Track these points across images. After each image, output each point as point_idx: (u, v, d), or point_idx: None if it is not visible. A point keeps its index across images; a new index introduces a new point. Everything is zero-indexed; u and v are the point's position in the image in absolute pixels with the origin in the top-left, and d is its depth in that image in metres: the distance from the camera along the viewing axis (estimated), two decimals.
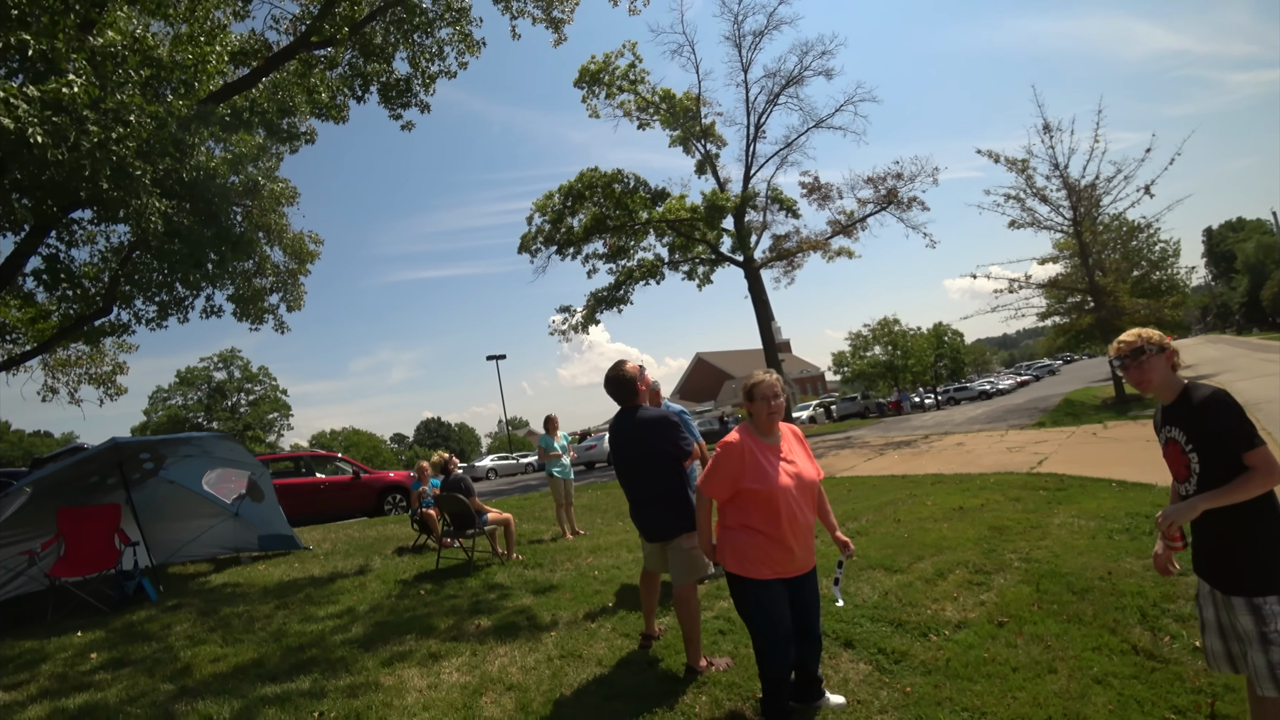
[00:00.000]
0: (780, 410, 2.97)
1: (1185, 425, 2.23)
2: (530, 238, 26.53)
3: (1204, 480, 2.16)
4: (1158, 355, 2.30)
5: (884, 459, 13.79)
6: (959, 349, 51.26)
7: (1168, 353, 2.31)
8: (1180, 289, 31.62)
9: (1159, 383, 2.31)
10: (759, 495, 2.87)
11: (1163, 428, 2.36)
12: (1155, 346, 2.31)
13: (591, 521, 9.80)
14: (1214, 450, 2.12)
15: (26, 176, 6.10)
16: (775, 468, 2.90)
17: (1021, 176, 19.65)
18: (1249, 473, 2.05)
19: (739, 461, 2.91)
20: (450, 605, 5.70)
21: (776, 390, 2.97)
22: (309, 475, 14.54)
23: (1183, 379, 2.32)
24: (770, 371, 3.06)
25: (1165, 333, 2.39)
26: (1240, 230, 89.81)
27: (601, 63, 26.22)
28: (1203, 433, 2.16)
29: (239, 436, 45.23)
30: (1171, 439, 2.30)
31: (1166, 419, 2.34)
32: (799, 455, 3.04)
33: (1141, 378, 2.33)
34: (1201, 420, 2.17)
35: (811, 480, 3.00)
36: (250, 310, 12.22)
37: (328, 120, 11.19)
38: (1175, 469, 2.32)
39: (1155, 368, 2.30)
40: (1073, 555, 5.08)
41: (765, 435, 3.00)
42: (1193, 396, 2.22)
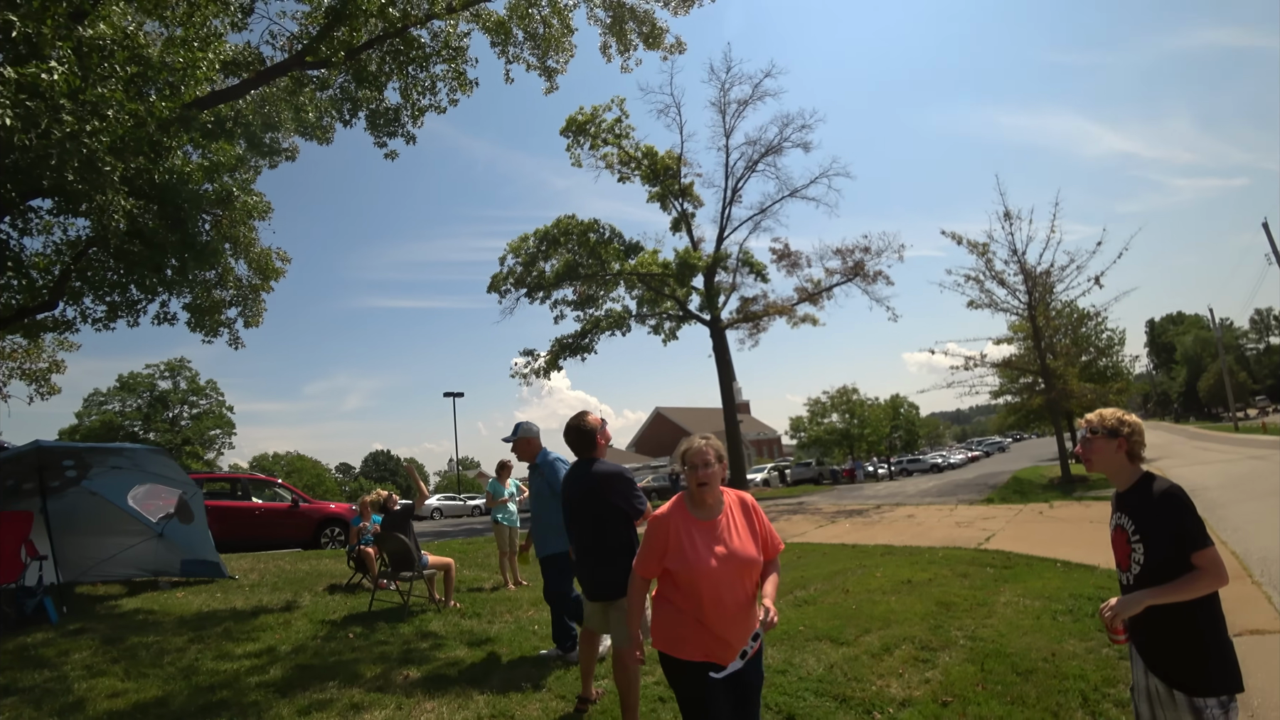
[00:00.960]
0: (711, 479, 2.59)
1: (1135, 516, 2.23)
2: (501, 278, 26.57)
3: (1145, 573, 2.16)
4: (1103, 439, 2.31)
5: (835, 527, 13.79)
6: (914, 421, 52.35)
7: (1119, 440, 2.29)
8: (1124, 376, 33.10)
9: (1101, 465, 2.34)
10: (680, 576, 2.56)
11: (1115, 513, 2.37)
12: (1104, 430, 2.31)
13: (535, 572, 9.49)
14: (1160, 545, 2.13)
15: None
16: (700, 547, 2.55)
17: (982, 259, 20.47)
18: (1196, 572, 2.05)
19: (663, 538, 2.60)
20: (379, 652, 5.40)
21: (708, 457, 2.60)
22: (245, 499, 13.89)
23: (1140, 469, 2.31)
24: (706, 436, 2.73)
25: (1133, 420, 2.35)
26: (1180, 324, 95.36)
27: (589, 115, 26.84)
28: (1152, 527, 2.16)
29: (175, 451, 43.27)
30: (1120, 526, 2.31)
31: (1119, 505, 2.35)
32: (737, 531, 2.62)
33: (1085, 456, 2.37)
34: (1153, 514, 2.16)
35: (747, 560, 2.57)
36: (206, 321, 11.82)
37: (311, 140, 11.14)
38: (1119, 557, 2.32)
39: (1097, 449, 2.33)
40: (1017, 635, 5.08)
41: (697, 507, 2.64)
42: (1148, 488, 2.22)
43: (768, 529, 2.70)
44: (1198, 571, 2.04)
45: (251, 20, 10.12)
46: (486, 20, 11.74)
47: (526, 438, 5.19)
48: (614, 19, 13.24)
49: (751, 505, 2.73)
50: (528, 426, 5.26)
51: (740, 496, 2.74)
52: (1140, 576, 2.18)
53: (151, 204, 8.53)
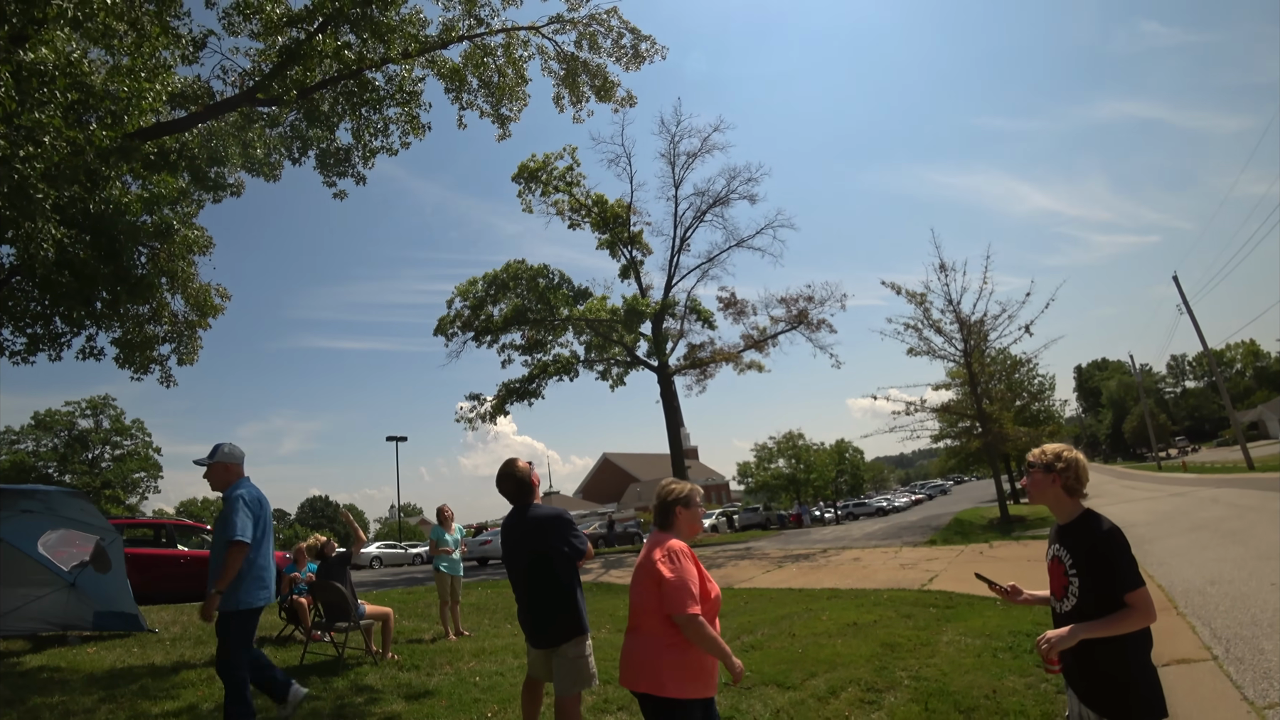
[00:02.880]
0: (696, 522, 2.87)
1: (1074, 550, 2.32)
2: (448, 320, 26.33)
3: (1081, 605, 2.26)
4: (1040, 473, 2.42)
5: (783, 571, 13.84)
6: (859, 465, 53.50)
7: (1053, 475, 2.39)
8: (1056, 419, 34.78)
9: (1040, 498, 2.44)
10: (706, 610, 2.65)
11: (1052, 544, 2.46)
12: (1041, 465, 2.42)
13: (479, 622, 9.21)
14: (1095, 580, 2.23)
15: None
16: (708, 582, 2.74)
17: (920, 309, 21.37)
18: (1127, 610, 2.16)
19: (698, 573, 2.68)
20: (311, 708, 5.11)
21: (685, 496, 2.85)
22: (169, 546, 13.08)
23: (1082, 505, 2.41)
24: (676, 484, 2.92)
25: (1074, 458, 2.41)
26: (1105, 369, 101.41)
27: (541, 162, 27.23)
28: (1089, 563, 2.25)
29: (93, 495, 40.59)
30: (1057, 558, 2.40)
31: (1058, 537, 2.44)
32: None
33: (1028, 486, 2.48)
34: (1091, 551, 2.26)
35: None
36: (136, 357, 11.29)
37: (259, 176, 10.96)
38: (1055, 586, 2.41)
39: (1035, 483, 2.43)
40: (960, 673, 5.16)
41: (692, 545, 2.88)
42: (1089, 525, 2.32)
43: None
44: (1129, 609, 2.15)
45: (203, 54, 10.00)
46: (442, 67, 11.90)
47: (225, 463, 4.47)
48: (567, 71, 13.61)
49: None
50: (229, 450, 4.53)
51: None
52: (1076, 608, 2.28)
53: (84, 234, 8.23)
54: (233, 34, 9.97)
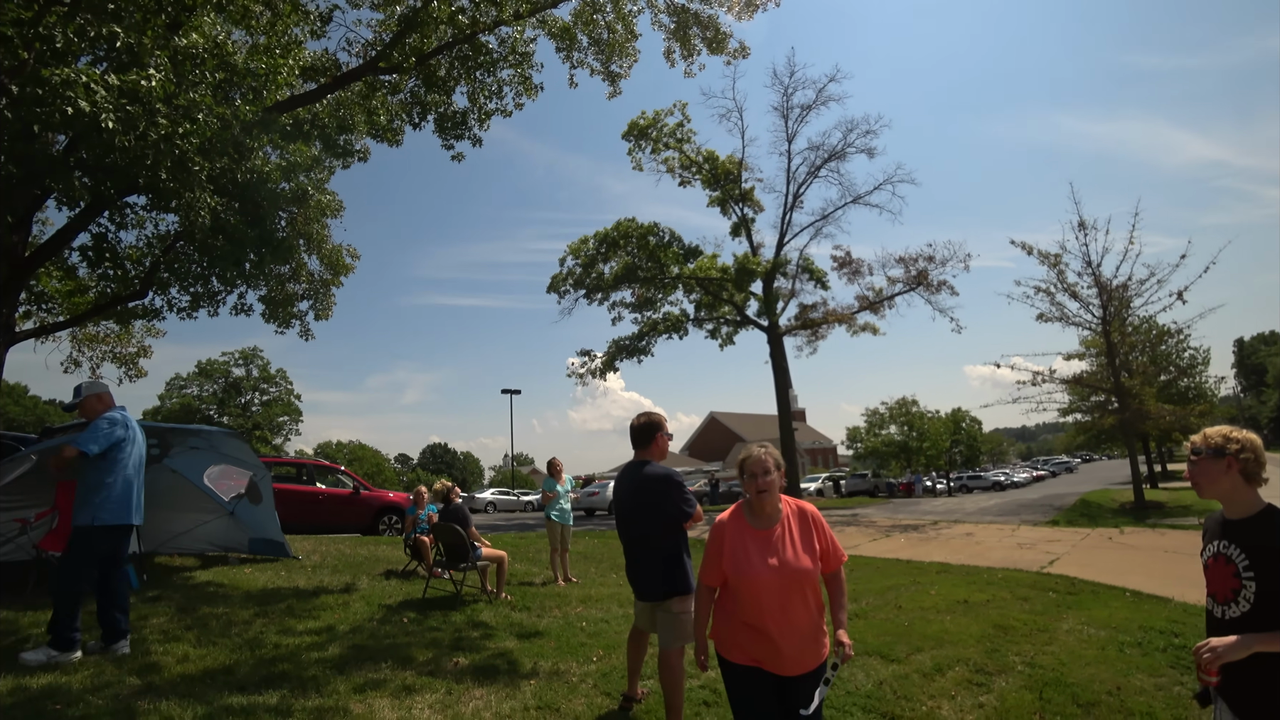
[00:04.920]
0: (770, 488, 2.60)
1: (1252, 550, 2.03)
2: (561, 279, 26.91)
3: (1255, 613, 1.98)
4: (1210, 459, 2.11)
5: (890, 541, 13.45)
6: (976, 436, 50.41)
7: (1227, 459, 2.08)
8: (1208, 398, 31.09)
9: (1212, 490, 2.13)
10: (734, 583, 2.61)
11: (1217, 539, 2.16)
12: (1208, 449, 2.12)
13: (585, 570, 9.61)
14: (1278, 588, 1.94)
15: (91, 157, 6.33)
16: (754, 556, 2.58)
17: (1053, 271, 19.56)
18: None
19: (719, 545, 2.66)
20: (431, 638, 5.56)
21: (767, 465, 2.60)
22: (309, 484, 14.50)
23: (1261, 499, 2.09)
24: (765, 445, 2.71)
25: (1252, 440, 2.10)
26: (1273, 344, 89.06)
27: (651, 119, 26.95)
28: (1275, 567, 1.96)
29: (246, 435, 45.47)
30: (1224, 555, 2.11)
31: (1225, 532, 2.14)
32: (793, 541, 2.60)
33: (1193, 477, 2.18)
34: (1277, 553, 1.97)
35: (800, 571, 2.54)
36: (279, 313, 12.41)
37: (382, 142, 11.54)
38: (1219, 588, 2.12)
39: (1204, 472, 2.13)
40: (1080, 665, 4.85)
41: (755, 516, 2.66)
42: (1273, 522, 2.01)
43: (828, 540, 2.66)
44: None
45: (329, 28, 10.58)
46: (552, 26, 11.94)
47: (93, 395, 4.89)
48: (678, 24, 13.26)
49: (812, 516, 2.68)
50: (90, 385, 4.99)
51: (800, 506, 2.70)
52: (1247, 616, 2.00)
53: (234, 201, 9.02)
54: (355, 6, 10.43)
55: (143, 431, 5.11)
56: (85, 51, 6.40)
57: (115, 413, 4.86)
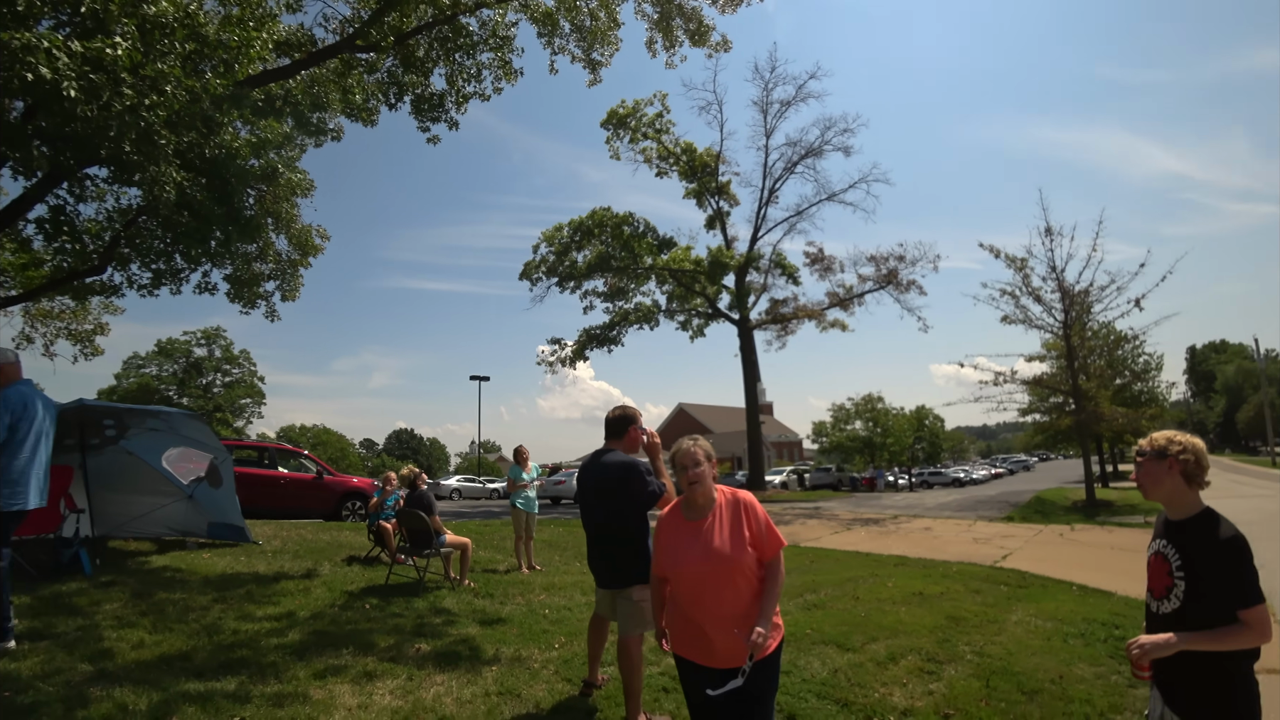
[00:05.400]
0: (700, 479, 2.62)
1: (1186, 551, 2.11)
2: (534, 265, 26.80)
3: (1183, 609, 2.08)
4: (1154, 461, 2.20)
5: (851, 534, 13.73)
6: (938, 434, 51.65)
7: (1169, 461, 2.16)
8: (1159, 402, 32.34)
9: (1155, 491, 2.21)
10: (671, 575, 2.67)
11: (1159, 538, 2.25)
12: (1152, 451, 2.20)
13: (550, 558, 9.65)
14: (1207, 588, 2.04)
15: (51, 126, 6.15)
16: (684, 546, 2.62)
17: (1019, 274, 20.05)
18: (1239, 626, 1.96)
19: (659, 538, 2.76)
20: (393, 624, 5.55)
21: (697, 457, 2.64)
22: (271, 468, 14.26)
23: (1200, 499, 2.17)
24: (695, 438, 2.75)
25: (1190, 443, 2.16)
26: (1223, 352, 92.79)
27: (631, 108, 26.89)
28: (1204, 569, 2.05)
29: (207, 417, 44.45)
30: (1162, 554, 2.19)
31: (1166, 532, 2.22)
32: (721, 529, 2.60)
33: (1138, 478, 2.27)
34: (1208, 557, 2.05)
35: (727, 558, 2.53)
36: (245, 293, 12.16)
37: (357, 121, 11.35)
38: (1156, 584, 2.21)
39: (1148, 472, 2.21)
40: (1026, 654, 5.05)
41: (688, 507, 2.70)
42: (1209, 527, 2.09)
43: (761, 527, 2.61)
44: (1243, 626, 1.95)
45: (305, 2, 10.38)
46: (534, 10, 11.83)
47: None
48: (661, 14, 13.25)
49: (745, 503, 2.65)
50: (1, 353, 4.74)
51: (735, 495, 2.69)
52: (1177, 612, 2.09)
53: (200, 177, 8.81)
54: None
55: (50, 407, 4.80)
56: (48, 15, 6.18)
57: (17, 389, 4.58)
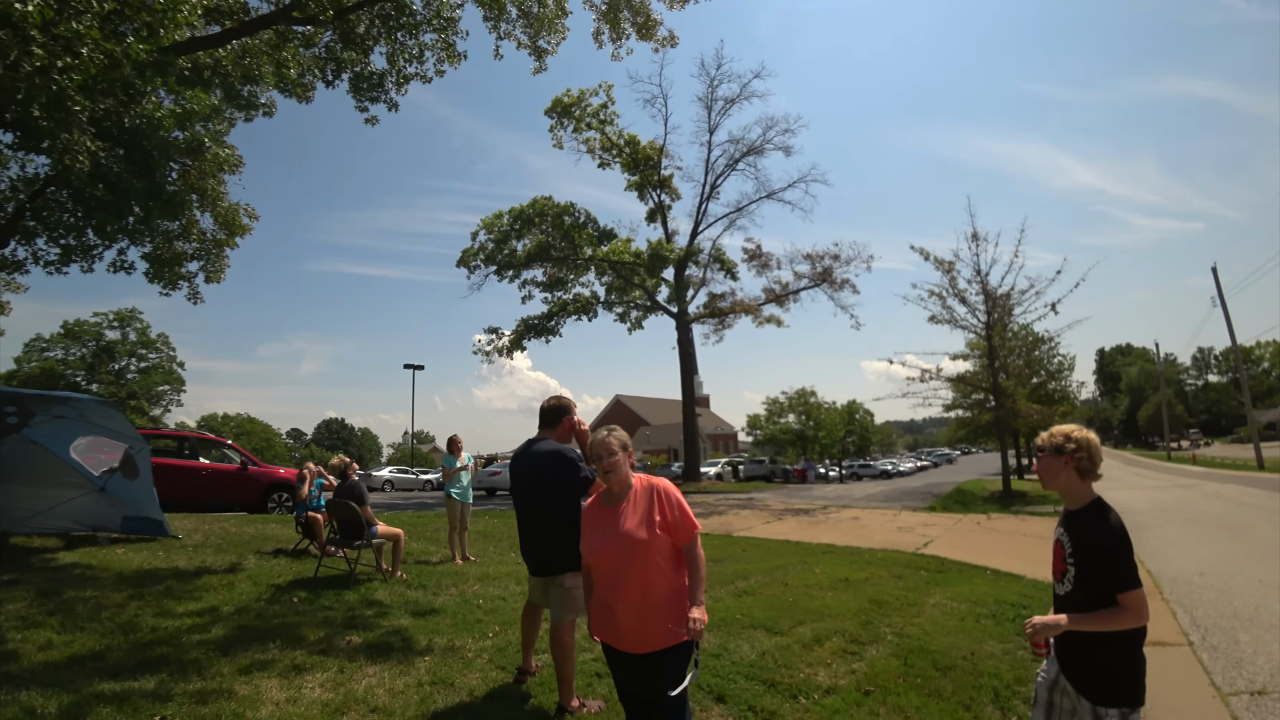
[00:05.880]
0: (614, 467, 2.70)
1: (1076, 538, 2.29)
2: (472, 253, 26.38)
3: (1074, 592, 2.27)
4: (1050, 456, 2.37)
5: (782, 524, 14.14)
6: (868, 427, 53.58)
7: (1065, 457, 2.33)
8: (1070, 400, 34.56)
9: (1052, 483, 2.38)
10: (585, 560, 2.79)
11: (1060, 526, 2.43)
12: (1051, 447, 2.37)
13: (485, 549, 9.59)
14: (1090, 572, 2.22)
15: None
16: (596, 531, 2.72)
17: (946, 276, 21.00)
18: (1119, 609, 2.14)
19: (581, 524, 2.85)
20: (323, 617, 5.44)
21: (611, 447, 2.71)
22: (192, 458, 13.62)
23: (1092, 490, 2.35)
24: (612, 428, 2.82)
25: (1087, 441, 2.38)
26: (1128, 355, 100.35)
27: (575, 97, 26.70)
28: (1090, 556, 2.24)
29: (121, 405, 41.91)
30: (1060, 542, 2.38)
31: (1065, 521, 2.40)
32: (633, 514, 2.66)
33: (1039, 472, 2.44)
34: (1093, 544, 2.24)
35: (635, 541, 2.59)
36: (165, 273, 11.53)
37: (291, 97, 10.89)
38: (1056, 568, 2.41)
39: (1047, 468, 2.38)
40: (942, 634, 5.37)
41: (606, 494, 2.80)
42: (1096, 516, 2.28)
43: (675, 512, 2.65)
44: (1121, 609, 2.14)
45: None
46: None
47: None
48: (609, 6, 13.22)
49: (660, 489, 2.71)
50: None
51: (651, 482, 2.75)
52: (1070, 594, 2.29)
53: (118, 148, 8.30)
54: None
55: None
56: None
57: None
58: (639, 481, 2.75)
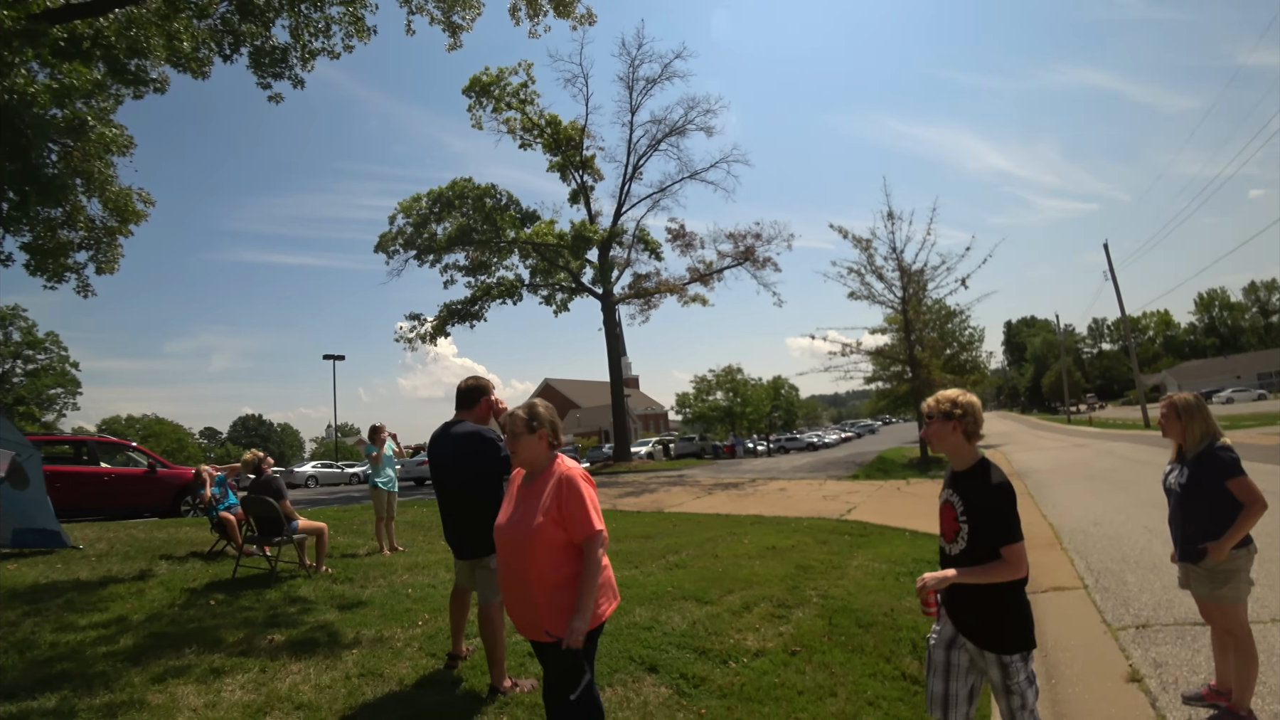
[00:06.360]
0: (514, 450, 2.64)
1: (966, 497, 2.41)
2: (390, 238, 25.55)
3: (969, 550, 2.38)
4: (940, 421, 2.46)
5: (712, 498, 14.50)
6: (794, 402, 55.44)
7: (953, 422, 2.43)
8: (981, 369, 36.72)
9: (941, 446, 2.49)
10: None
11: (947, 488, 2.54)
12: (939, 413, 2.46)
13: (414, 538, 9.42)
14: (982, 529, 2.34)
15: None
16: (506, 508, 2.66)
17: (864, 254, 21.85)
18: (1000, 563, 2.29)
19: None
20: (243, 618, 5.23)
21: (516, 427, 2.62)
22: (92, 464, 12.70)
23: (978, 451, 2.47)
24: (528, 404, 2.71)
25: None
26: (1032, 326, 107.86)
27: (495, 76, 26.07)
28: (979, 512, 2.36)
29: (7, 411, 38.60)
30: (949, 503, 2.48)
31: (952, 483, 2.52)
32: (534, 501, 2.54)
33: (928, 436, 2.54)
34: (982, 501, 2.36)
35: (525, 529, 2.49)
36: (48, 265, 10.61)
37: (186, 72, 10.14)
38: (946, 529, 2.50)
39: (936, 432, 2.47)
40: (864, 593, 5.66)
41: (527, 474, 2.71)
42: (984, 475, 2.40)
43: (573, 507, 2.48)
44: (1002, 562, 2.29)
45: None
46: None
47: None
48: None
49: (564, 480, 2.53)
50: None
51: (562, 471, 2.58)
52: (965, 552, 2.39)
53: None
54: None
55: None
56: None
57: None
58: (558, 466, 2.61)
